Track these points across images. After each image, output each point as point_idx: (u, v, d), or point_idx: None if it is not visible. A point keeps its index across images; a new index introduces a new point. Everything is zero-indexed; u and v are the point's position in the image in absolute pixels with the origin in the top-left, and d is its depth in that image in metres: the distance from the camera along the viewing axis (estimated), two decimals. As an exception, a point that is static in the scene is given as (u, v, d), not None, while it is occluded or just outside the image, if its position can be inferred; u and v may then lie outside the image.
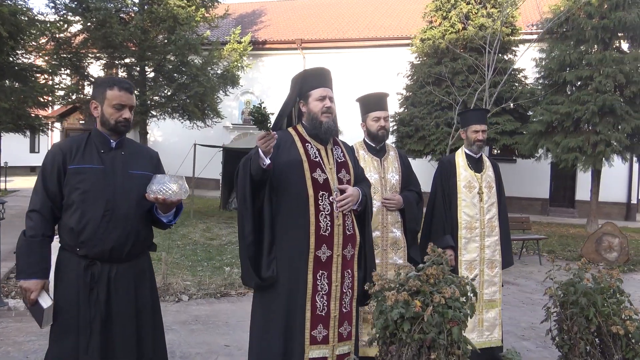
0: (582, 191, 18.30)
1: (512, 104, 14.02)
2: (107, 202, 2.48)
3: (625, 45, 13.75)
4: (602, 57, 12.85)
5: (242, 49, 16.35)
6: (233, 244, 9.35)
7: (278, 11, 23.57)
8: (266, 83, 20.44)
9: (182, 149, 15.71)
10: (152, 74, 14.85)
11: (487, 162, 4.24)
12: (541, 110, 13.64)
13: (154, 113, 15.00)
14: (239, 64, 16.27)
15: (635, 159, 14.00)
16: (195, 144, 13.47)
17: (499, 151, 17.37)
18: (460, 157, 4.19)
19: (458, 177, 4.11)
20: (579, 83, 13.67)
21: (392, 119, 17.33)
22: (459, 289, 2.09)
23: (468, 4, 14.90)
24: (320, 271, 2.75)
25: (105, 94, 2.56)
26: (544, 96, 13.76)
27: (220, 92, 15.71)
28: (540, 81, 14.59)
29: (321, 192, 2.80)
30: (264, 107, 2.52)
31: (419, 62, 15.87)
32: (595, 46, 13.40)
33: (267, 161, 2.63)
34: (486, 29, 14.15)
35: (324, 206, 2.78)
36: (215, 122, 16.77)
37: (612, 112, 12.63)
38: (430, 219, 4.13)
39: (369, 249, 3.04)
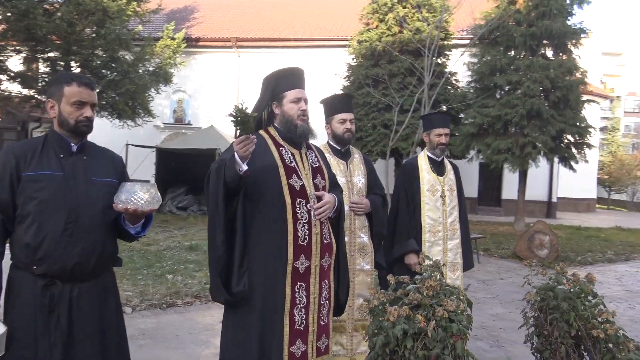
0: (508, 190, 19.18)
1: (444, 107, 14.41)
2: (68, 212, 2.20)
3: (549, 53, 14.48)
4: (530, 63, 13.50)
5: (175, 46, 15.79)
6: (172, 249, 8.97)
7: (212, 8, 22.99)
8: (199, 82, 19.88)
9: (112, 149, 14.88)
10: (78, 70, 13.99)
11: (448, 165, 4.25)
12: (473, 113, 14.13)
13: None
14: (172, 61, 15.70)
15: (556, 160, 14.79)
16: (127, 144, 12.84)
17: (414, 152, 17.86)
18: (422, 161, 4.16)
19: (421, 180, 4.08)
20: (507, 87, 14.29)
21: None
22: (457, 300, 2.01)
23: (404, 7, 15.16)
24: (299, 283, 2.60)
25: (62, 90, 2.29)
26: (476, 99, 14.24)
27: (152, 90, 15.08)
28: (472, 85, 15.13)
29: (298, 200, 2.64)
30: (246, 108, 2.34)
31: (356, 63, 15.98)
32: (524, 52, 14.05)
33: (244, 167, 2.45)
34: (421, 33, 14.50)
35: (302, 214, 2.63)
36: (147, 121, 16.06)
37: (538, 115, 13.29)
38: (394, 223, 4.07)
39: (343, 257, 2.92)
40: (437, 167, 4.16)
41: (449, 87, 15.55)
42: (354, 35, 16.25)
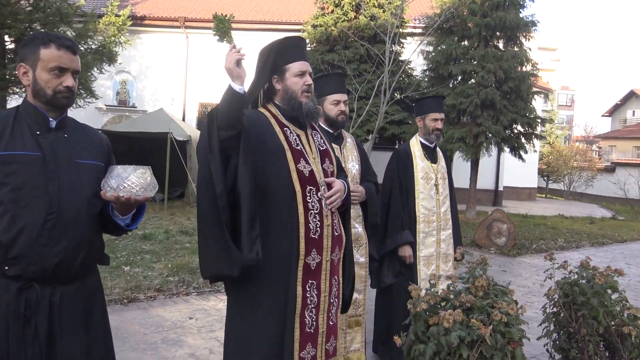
0: (457, 179, 19.41)
1: (400, 96, 14.35)
2: (49, 202, 1.81)
3: (502, 44, 14.66)
4: (485, 53, 13.60)
5: (120, 23, 14.86)
6: (124, 238, 8.40)
7: (157, -15, 21.91)
8: (144, 62, 18.92)
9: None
10: (12, 45, 12.90)
11: (439, 152, 4.06)
12: (428, 102, 14.12)
13: (16, 90, 13.08)
14: (117, 40, 14.78)
15: (506, 149, 15.06)
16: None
17: (378, 140, 17.83)
18: (415, 147, 3.95)
19: (415, 168, 3.87)
20: (460, 78, 14.39)
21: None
22: (509, 301, 1.79)
23: (361, -8, 14.93)
24: (310, 281, 2.31)
25: (38, 53, 1.88)
26: (430, 88, 14.25)
27: (95, 69, 14.15)
28: (427, 73, 15.13)
29: (309, 187, 2.34)
30: (226, 15, 2.06)
31: (311, 48, 15.62)
32: (478, 42, 14.15)
33: (240, 86, 2.15)
34: (378, 19, 14.34)
35: (313, 204, 2.33)
36: (88, 102, 15.10)
37: (492, 105, 13.43)
38: (387, 213, 3.84)
39: (349, 249, 2.65)
40: (431, 154, 3.96)
41: (403, 76, 15.50)
42: (309, 19, 15.88)
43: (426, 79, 15.04)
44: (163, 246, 7.91)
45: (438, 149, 4.06)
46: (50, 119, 1.91)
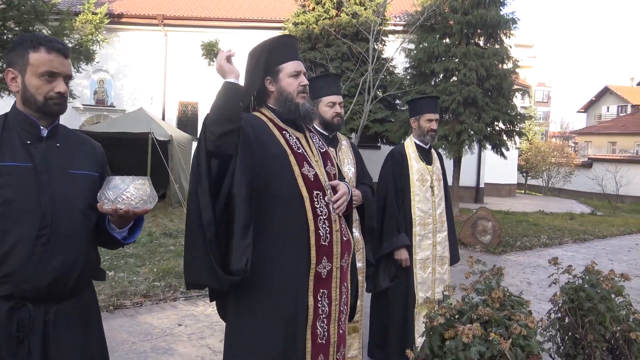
0: (439, 176, 19.52)
1: (382, 93, 14.34)
2: (42, 215, 1.70)
3: (482, 41, 14.74)
4: (466, 51, 13.64)
5: (97, 21, 14.57)
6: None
7: (134, -18, 21.53)
8: (122, 61, 18.58)
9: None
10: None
11: (434, 154, 4.01)
12: (411, 100, 14.13)
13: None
14: (94, 38, 14.49)
15: (488, 147, 15.16)
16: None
17: (357, 138, 17.82)
18: (410, 148, 3.89)
19: (410, 169, 3.82)
20: (441, 75, 14.43)
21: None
22: (526, 313, 1.73)
23: (342, -11, 14.86)
24: (321, 290, 2.22)
25: (27, 58, 1.77)
26: (413, 86, 14.26)
27: (72, 68, 13.84)
28: (409, 71, 15.14)
29: (315, 192, 2.25)
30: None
31: (293, 46, 15.49)
32: (459, 40, 14.20)
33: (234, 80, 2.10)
34: (359, 17, 14.29)
35: (321, 209, 2.23)
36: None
37: (474, 103, 13.48)
38: (382, 216, 3.78)
39: (353, 256, 2.58)
40: (425, 156, 3.91)
41: (385, 74, 15.49)
42: (290, 16, 15.76)
43: (408, 77, 15.04)
44: (147, 249, 7.75)
45: (433, 151, 4.01)
46: (42, 128, 1.80)
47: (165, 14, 18.25)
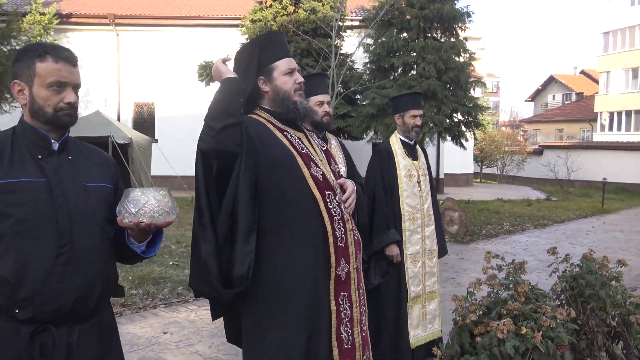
0: (400, 169, 19.81)
1: (343, 89, 14.39)
2: (60, 233, 1.62)
3: (439, 35, 15.00)
4: (424, 44, 13.85)
5: (46, 22, 14.03)
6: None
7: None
8: (73, 62, 17.93)
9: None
10: None
11: (419, 149, 4.06)
12: (372, 94, 14.24)
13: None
14: (43, 39, 13.95)
15: (448, 138, 15.47)
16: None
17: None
18: (396, 145, 3.93)
19: (397, 165, 3.85)
20: (400, 69, 14.61)
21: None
22: (551, 305, 1.78)
23: (299, -14, 14.82)
24: (342, 293, 2.21)
25: (33, 68, 1.68)
26: (373, 81, 14.38)
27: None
28: (369, 66, 15.24)
29: (327, 193, 2.22)
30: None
31: (251, 44, 15.35)
32: (417, 34, 14.40)
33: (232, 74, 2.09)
34: (317, 13, 14.29)
35: (335, 210, 2.20)
36: (14, 106, 14.17)
37: (434, 96, 13.71)
38: (372, 213, 3.79)
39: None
40: (411, 151, 3.95)
41: (344, 69, 15.55)
42: (247, 14, 15.60)
43: (368, 72, 15.15)
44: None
45: (417, 146, 4.06)
46: (52, 141, 1.71)
47: (116, 13, 17.72)
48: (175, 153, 15.96)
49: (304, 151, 2.27)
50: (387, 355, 3.81)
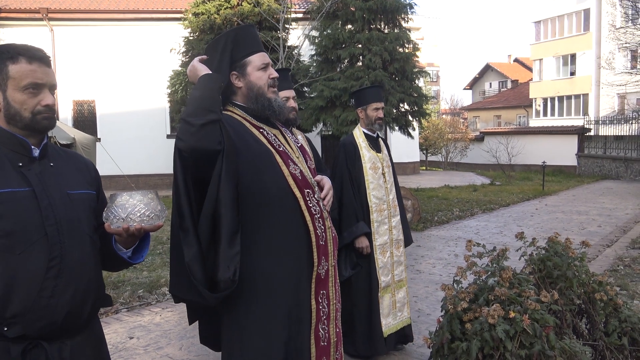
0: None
1: (294, 83, 14.39)
2: (51, 245, 1.55)
3: (383, 27, 15.21)
4: (370, 36, 14.01)
5: (-26, 17, 13.22)
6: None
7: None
8: (4, 60, 17.01)
9: None
10: None
11: (381, 142, 4.12)
12: (320, 87, 14.30)
13: None
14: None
15: (396, 128, 15.75)
16: None
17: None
18: (360, 138, 3.98)
19: (362, 158, 3.90)
20: (346, 61, 14.73)
21: (167, 98, 16.30)
22: (534, 289, 1.87)
23: (242, -22, 14.64)
24: (321, 291, 2.22)
25: (6, 71, 1.61)
26: (320, 73, 14.43)
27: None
28: (315, 58, 15.27)
29: (306, 190, 2.22)
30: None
31: (194, 38, 15.06)
32: (362, 26, 14.54)
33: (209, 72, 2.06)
34: (261, 6, 14.16)
35: (315, 208, 2.21)
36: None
37: (381, 87, 13.94)
38: (340, 206, 3.83)
39: None
40: (374, 144, 4.01)
41: (291, 62, 15.52)
42: (189, 7, 15.26)
43: (315, 64, 15.18)
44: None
45: (380, 139, 4.12)
46: (33, 147, 1.64)
47: (49, 7, 16.90)
48: (120, 152, 15.49)
49: (281, 149, 2.25)
50: (361, 345, 3.88)
